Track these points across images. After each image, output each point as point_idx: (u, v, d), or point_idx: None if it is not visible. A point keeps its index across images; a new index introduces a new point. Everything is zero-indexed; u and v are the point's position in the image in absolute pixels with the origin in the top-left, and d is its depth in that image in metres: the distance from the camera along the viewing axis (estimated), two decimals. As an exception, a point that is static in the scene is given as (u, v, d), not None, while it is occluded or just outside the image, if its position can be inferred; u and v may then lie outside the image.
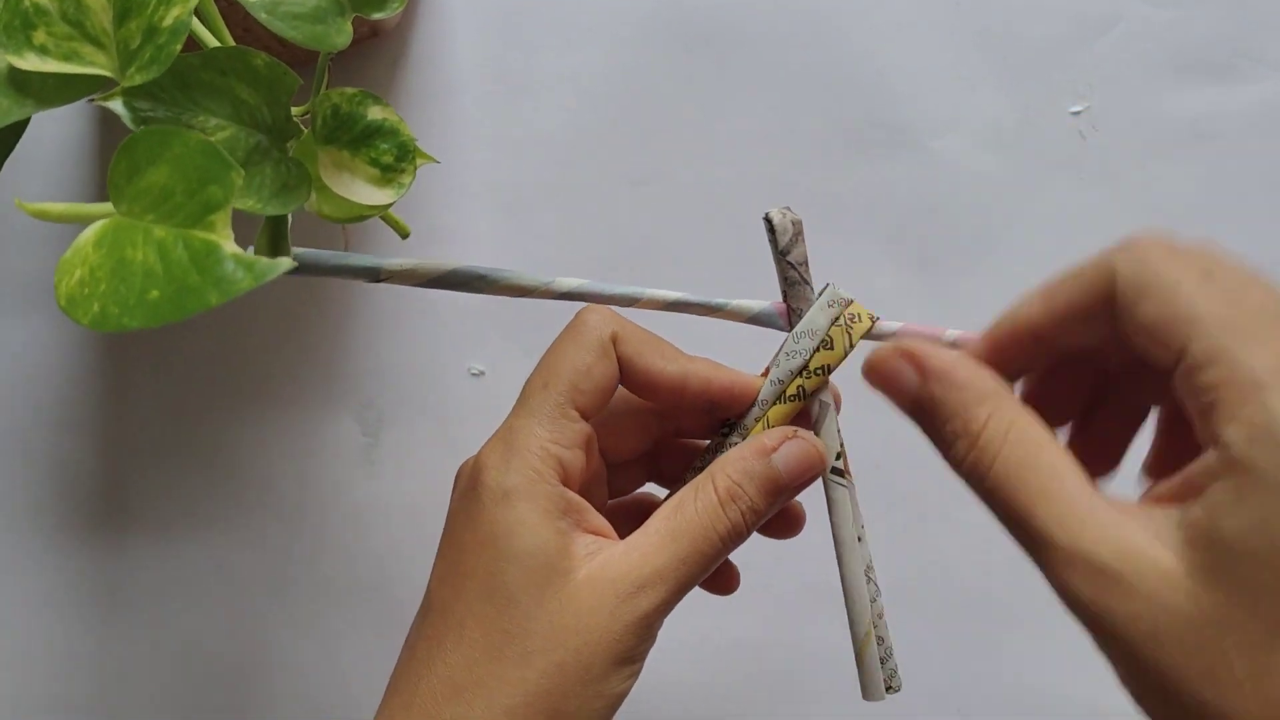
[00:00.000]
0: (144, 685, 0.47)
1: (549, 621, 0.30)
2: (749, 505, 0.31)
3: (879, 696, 0.33)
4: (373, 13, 0.33)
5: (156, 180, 0.24)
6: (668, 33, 0.48)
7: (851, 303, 0.33)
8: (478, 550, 0.32)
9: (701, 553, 0.31)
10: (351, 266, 0.31)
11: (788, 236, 0.33)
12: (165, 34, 0.27)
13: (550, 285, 0.33)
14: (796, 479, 0.32)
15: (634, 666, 0.31)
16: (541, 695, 0.30)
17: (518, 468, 0.32)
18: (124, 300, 0.23)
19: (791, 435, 0.32)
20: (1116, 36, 0.48)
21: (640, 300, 0.33)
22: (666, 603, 0.31)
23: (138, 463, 0.47)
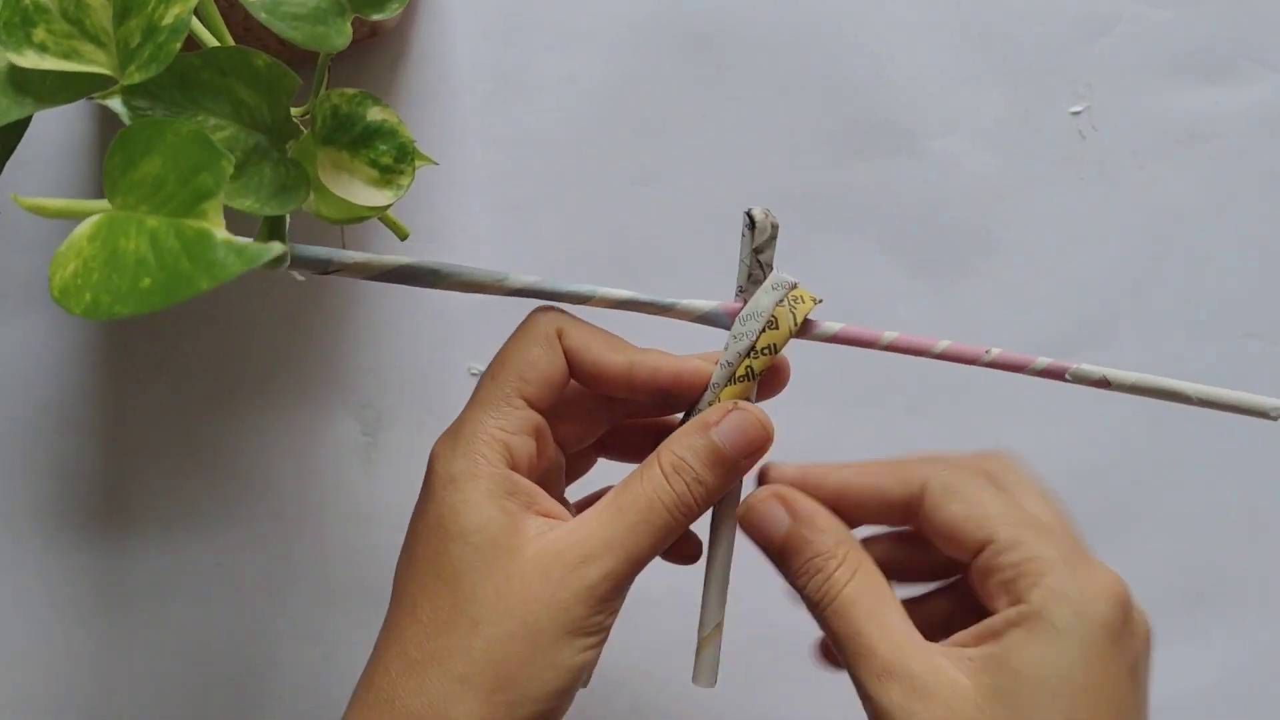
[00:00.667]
0: (144, 685, 0.47)
1: (496, 593, 0.31)
2: (693, 477, 0.32)
3: (712, 683, 0.35)
4: (372, 13, 0.33)
5: (150, 171, 0.24)
6: (668, 34, 0.48)
7: (795, 285, 0.34)
8: (427, 535, 0.33)
9: (649, 522, 0.32)
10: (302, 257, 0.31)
11: (765, 236, 0.34)
12: (165, 32, 0.27)
13: (503, 281, 0.33)
14: (739, 450, 0.33)
15: (589, 640, 0.31)
16: (492, 663, 0.30)
17: (463, 453, 0.33)
18: (116, 289, 0.23)
19: (733, 408, 0.33)
20: (1116, 36, 0.48)
21: (592, 298, 0.34)
22: (615, 573, 0.31)
23: (138, 463, 0.47)
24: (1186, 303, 0.48)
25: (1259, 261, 0.48)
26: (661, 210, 0.48)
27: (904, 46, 0.48)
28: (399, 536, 0.47)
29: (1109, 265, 0.48)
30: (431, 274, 0.32)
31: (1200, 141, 0.48)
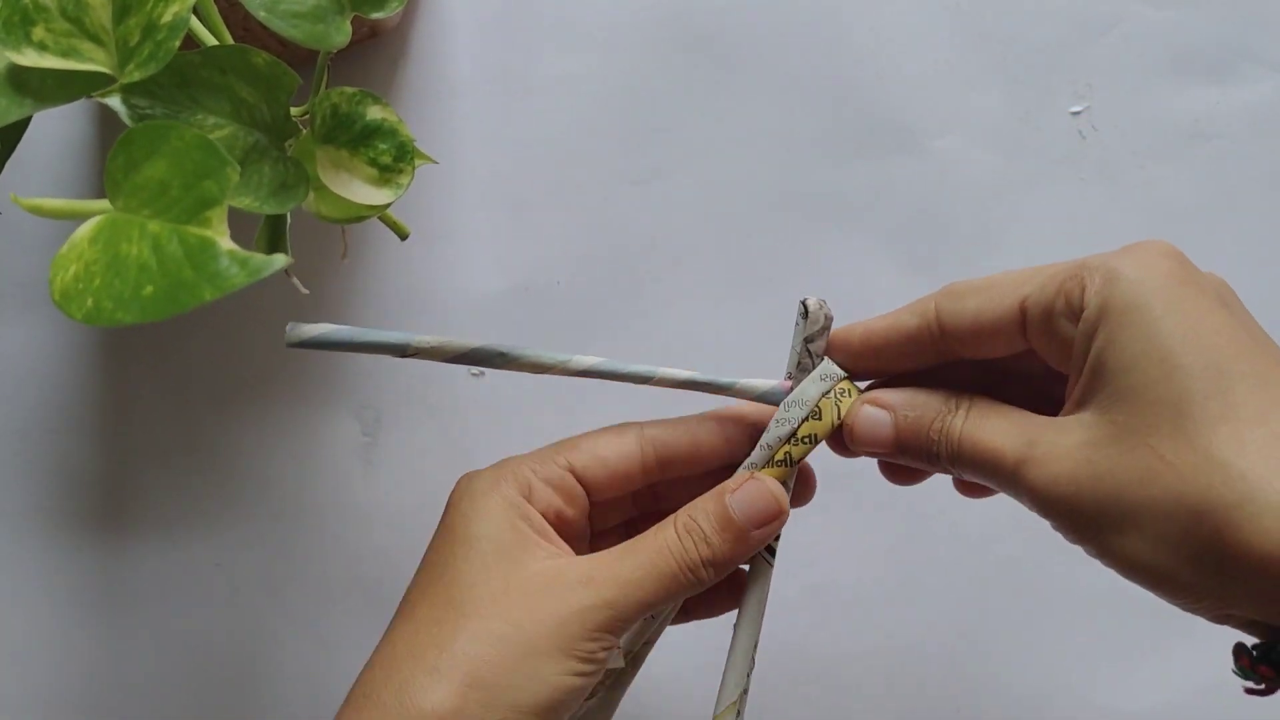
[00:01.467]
0: (144, 685, 0.47)
1: (491, 595, 0.31)
2: (701, 538, 0.32)
3: None
4: (372, 12, 0.33)
5: (153, 174, 0.24)
6: (668, 33, 0.48)
7: (845, 377, 0.35)
8: (438, 542, 0.33)
9: (655, 567, 0.32)
10: (378, 343, 0.32)
11: (817, 327, 0.34)
12: (164, 30, 0.27)
13: (568, 364, 0.34)
14: (749, 519, 0.33)
15: (579, 666, 0.31)
16: (470, 658, 0.30)
17: (487, 476, 0.33)
18: (118, 295, 0.23)
19: (749, 478, 0.33)
20: (1116, 36, 0.48)
21: (654, 379, 0.34)
22: (615, 603, 0.31)
23: (138, 463, 0.47)
24: (1186, 303, 0.48)
25: (1259, 261, 0.48)
26: (661, 210, 0.48)
27: (904, 46, 0.48)
28: (399, 536, 0.47)
29: (1109, 265, 0.48)
30: (500, 357, 0.33)
31: (1200, 141, 0.48)
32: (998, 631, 0.47)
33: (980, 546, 0.47)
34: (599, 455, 0.34)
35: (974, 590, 0.47)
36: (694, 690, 0.48)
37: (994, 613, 0.47)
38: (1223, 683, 0.48)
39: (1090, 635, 0.47)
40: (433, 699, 0.29)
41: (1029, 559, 0.47)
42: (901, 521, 0.47)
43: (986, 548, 0.47)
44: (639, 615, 0.32)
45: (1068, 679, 0.47)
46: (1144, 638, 0.48)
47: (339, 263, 0.47)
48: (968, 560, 0.48)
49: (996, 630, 0.47)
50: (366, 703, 0.30)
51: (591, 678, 0.31)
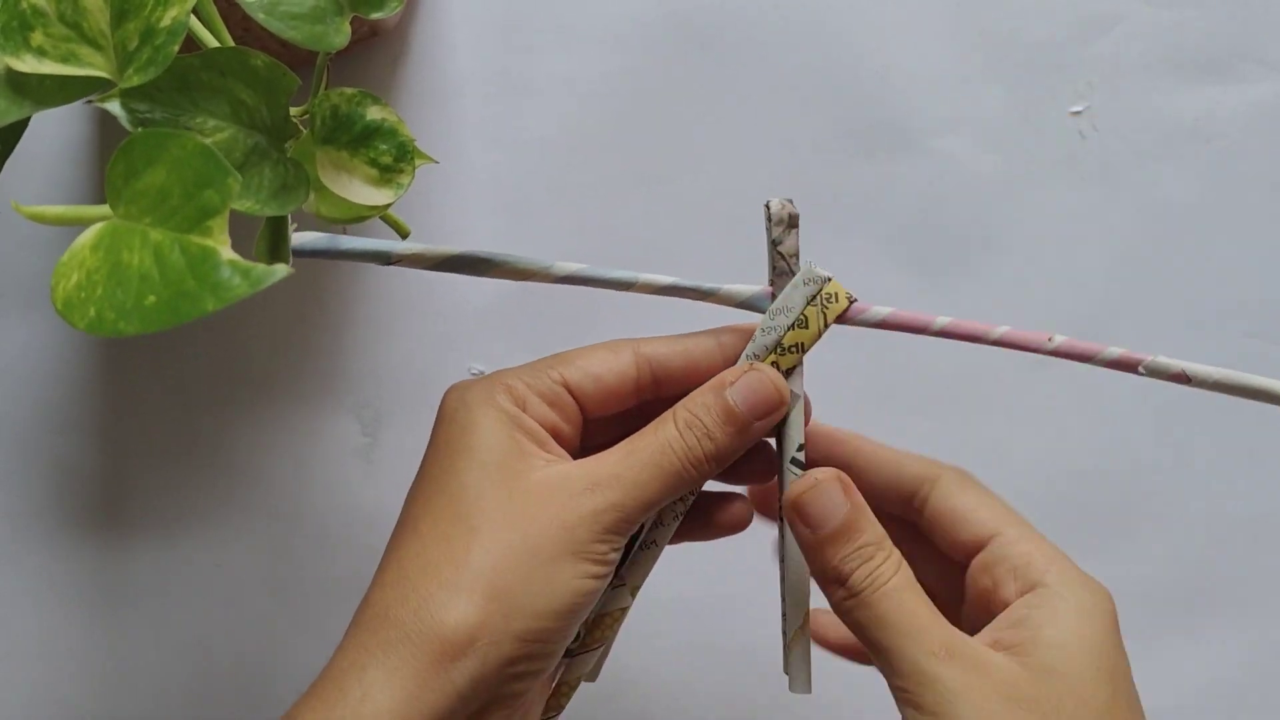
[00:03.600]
0: (144, 684, 0.47)
1: (498, 506, 0.31)
2: (704, 432, 0.32)
3: (806, 690, 0.35)
4: (371, 12, 0.33)
5: (154, 182, 0.24)
6: (668, 33, 0.48)
7: (829, 280, 0.34)
8: (434, 454, 0.33)
9: (658, 465, 0.32)
10: (359, 251, 0.32)
11: (782, 227, 0.34)
12: (163, 35, 0.27)
13: (549, 269, 0.33)
14: (752, 409, 0.33)
15: (590, 567, 0.30)
16: (485, 572, 0.30)
17: (480, 387, 0.33)
18: (120, 305, 0.23)
19: (749, 369, 0.33)
20: (1116, 36, 0.48)
21: (635, 284, 0.34)
22: (621, 504, 0.31)
23: (138, 463, 0.47)
24: (1186, 303, 0.48)
25: (1259, 261, 0.48)
26: (661, 210, 0.48)
27: (905, 46, 0.48)
28: (398, 536, 0.48)
29: (1109, 265, 0.48)
30: (483, 262, 0.33)
31: (1200, 141, 0.48)
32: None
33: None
34: (592, 371, 0.34)
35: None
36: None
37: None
38: (1223, 683, 0.49)
39: (1089, 634, 0.48)
40: (454, 614, 0.29)
41: (1028, 558, 0.48)
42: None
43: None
44: (645, 514, 0.32)
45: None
46: (1144, 638, 0.48)
47: (339, 262, 0.47)
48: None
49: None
50: (383, 623, 0.30)
51: (603, 579, 0.31)
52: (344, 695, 0.29)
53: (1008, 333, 0.34)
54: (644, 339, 0.34)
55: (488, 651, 0.29)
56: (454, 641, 0.29)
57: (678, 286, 0.34)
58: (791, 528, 0.33)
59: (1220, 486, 0.48)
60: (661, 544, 0.35)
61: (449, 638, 0.29)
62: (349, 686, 0.29)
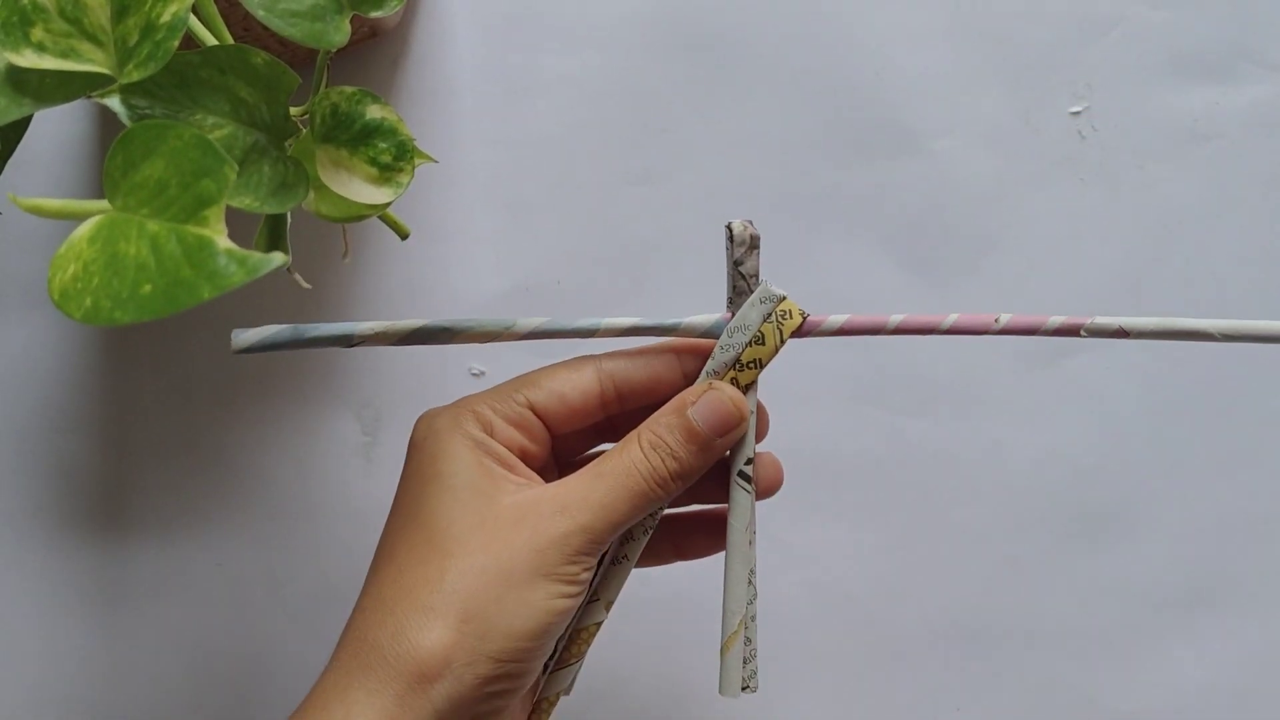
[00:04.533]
0: (144, 684, 0.47)
1: (470, 531, 0.32)
2: (669, 453, 0.33)
3: (734, 693, 0.35)
4: (371, 11, 0.33)
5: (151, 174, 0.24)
6: (668, 34, 0.48)
7: (784, 299, 0.34)
8: (405, 484, 0.34)
9: (625, 487, 0.33)
10: (321, 336, 0.32)
11: (743, 249, 0.34)
12: (163, 30, 0.27)
13: (512, 328, 0.34)
14: (713, 428, 0.33)
15: (563, 588, 0.31)
16: (460, 594, 0.31)
17: (448, 415, 0.34)
18: (116, 294, 0.23)
19: (708, 388, 0.34)
20: (1116, 37, 0.48)
21: (598, 330, 0.34)
22: (590, 527, 0.32)
23: (138, 463, 0.47)
24: (1186, 303, 0.48)
25: (1259, 261, 0.48)
26: (661, 210, 0.48)
27: (904, 47, 0.48)
28: (398, 536, 0.48)
29: (1109, 265, 0.48)
30: (445, 332, 0.33)
31: (1200, 141, 0.48)
32: (997, 631, 0.47)
33: (980, 546, 0.47)
34: (557, 391, 0.35)
35: (974, 589, 0.47)
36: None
37: (993, 612, 0.47)
38: (1223, 683, 0.48)
39: (1090, 635, 0.47)
40: (430, 637, 0.30)
41: (1029, 559, 0.47)
42: (901, 520, 0.47)
43: (986, 547, 0.47)
44: (614, 534, 0.33)
45: (1068, 678, 0.47)
46: (1144, 637, 0.48)
47: (340, 262, 0.47)
48: (968, 559, 0.48)
49: (996, 630, 0.47)
50: (363, 646, 0.31)
51: (576, 598, 0.32)
52: (328, 716, 0.30)
53: (957, 320, 0.34)
54: (606, 355, 0.35)
55: (464, 673, 0.30)
56: (430, 664, 0.30)
57: (640, 327, 0.35)
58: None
59: (1220, 486, 0.48)
60: (633, 559, 0.36)
61: (425, 660, 0.30)
62: (332, 708, 0.30)
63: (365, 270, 0.47)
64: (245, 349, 0.32)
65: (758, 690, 0.35)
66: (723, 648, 0.35)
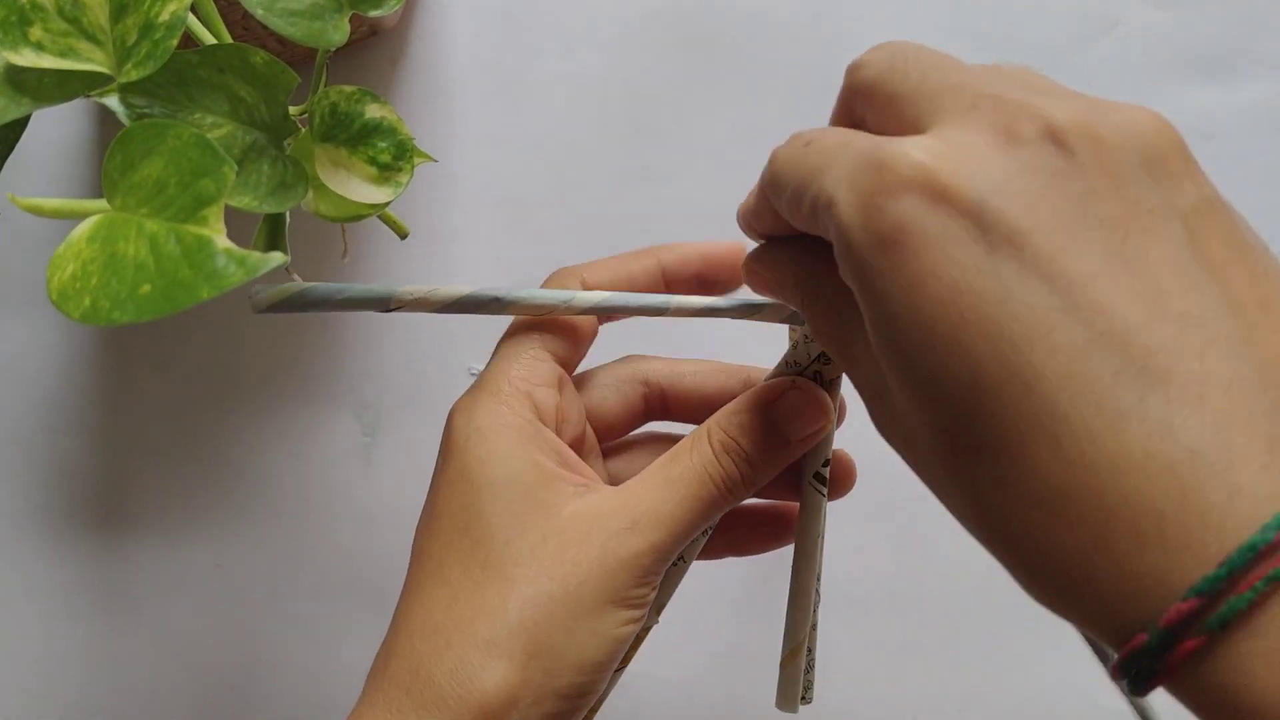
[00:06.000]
0: (143, 685, 0.47)
1: (531, 551, 0.28)
2: (743, 457, 0.30)
3: (793, 709, 0.33)
4: (370, 10, 0.33)
5: (150, 173, 0.24)
6: (668, 33, 0.48)
7: None
8: (450, 489, 0.30)
9: (698, 498, 0.29)
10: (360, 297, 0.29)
11: None
12: (162, 29, 0.27)
13: (571, 302, 0.31)
14: (794, 430, 0.31)
15: (632, 613, 0.29)
16: (526, 627, 0.28)
17: (487, 404, 0.31)
18: (115, 294, 0.23)
19: (790, 386, 0.31)
20: (1116, 37, 0.48)
21: (669, 309, 0.32)
22: (661, 545, 0.29)
23: (138, 463, 0.47)
24: (1187, 302, 0.48)
25: (1259, 261, 0.48)
26: (661, 210, 0.48)
27: (904, 45, 0.48)
28: (399, 536, 0.47)
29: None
30: (495, 302, 0.31)
31: (1200, 141, 0.48)
32: (1000, 630, 0.47)
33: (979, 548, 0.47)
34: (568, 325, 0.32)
35: (977, 588, 0.47)
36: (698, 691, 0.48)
37: (997, 611, 0.47)
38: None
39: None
40: (495, 678, 0.27)
41: (1029, 559, 0.47)
42: (903, 519, 0.47)
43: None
44: (683, 546, 0.30)
45: (1071, 678, 0.47)
46: (1144, 638, 0.48)
47: (339, 262, 0.47)
48: (970, 558, 0.47)
49: (999, 629, 0.47)
50: (415, 680, 0.28)
51: (641, 622, 0.29)
52: None
53: None
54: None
55: (529, 712, 0.28)
56: (495, 706, 0.27)
57: (715, 308, 0.31)
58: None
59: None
60: (690, 560, 0.33)
61: (489, 703, 0.27)
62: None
63: (364, 270, 0.47)
64: (267, 308, 0.28)
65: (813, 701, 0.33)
66: (784, 660, 0.33)
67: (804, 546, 0.33)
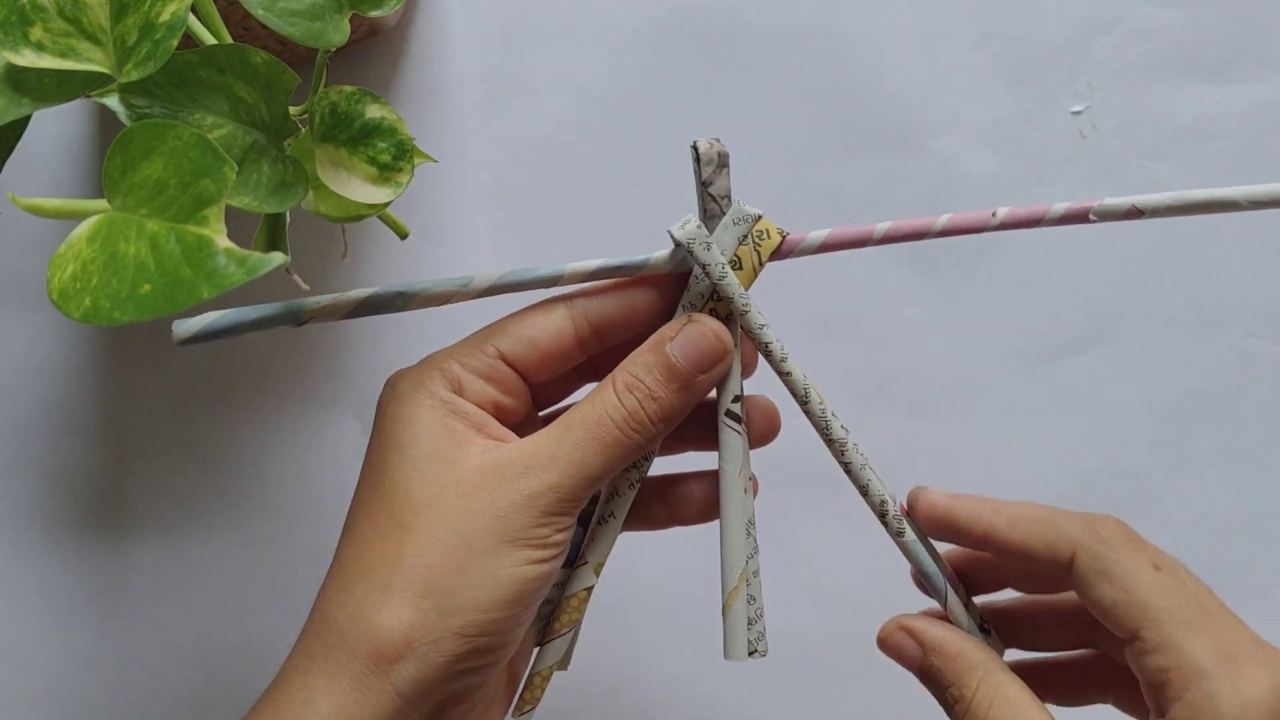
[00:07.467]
0: (143, 684, 0.47)
1: (430, 501, 0.30)
2: (645, 393, 0.31)
3: (740, 656, 0.33)
4: (370, 10, 0.33)
5: (151, 173, 0.24)
6: (668, 33, 0.48)
7: (759, 219, 0.32)
8: (370, 453, 0.32)
9: (597, 438, 0.30)
10: (272, 316, 0.30)
11: (711, 167, 0.32)
12: (162, 29, 0.27)
13: (468, 285, 0.32)
14: (695, 365, 0.31)
15: (533, 553, 0.30)
16: (419, 569, 0.29)
17: (412, 376, 0.32)
18: (116, 294, 0.23)
19: (688, 321, 0.32)
20: (1116, 36, 0.48)
21: (562, 277, 0.32)
22: (559, 485, 0.30)
23: (138, 463, 0.47)
24: (1186, 303, 0.48)
25: (1259, 261, 0.48)
26: (661, 210, 0.48)
27: (905, 46, 0.48)
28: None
29: (1109, 265, 0.48)
30: (399, 297, 0.31)
31: (1200, 141, 0.48)
32: (998, 632, 0.47)
33: (980, 546, 0.47)
34: (527, 337, 0.32)
35: (974, 590, 0.47)
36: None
37: (994, 613, 0.47)
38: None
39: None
40: (389, 616, 0.29)
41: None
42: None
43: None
44: (590, 490, 0.31)
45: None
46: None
47: (339, 262, 0.47)
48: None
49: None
50: (324, 626, 0.30)
51: (552, 562, 0.30)
52: (289, 700, 0.29)
53: (951, 220, 0.33)
54: (579, 293, 0.33)
55: (428, 652, 0.29)
56: (390, 644, 0.29)
57: (606, 268, 0.32)
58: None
59: (1221, 486, 0.48)
60: (620, 516, 0.34)
61: (384, 641, 0.29)
62: (294, 691, 0.29)
63: (364, 270, 0.47)
64: (189, 339, 0.29)
65: (767, 654, 0.33)
66: (724, 607, 0.33)
67: (726, 487, 0.33)
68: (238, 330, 0.30)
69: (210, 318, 0.29)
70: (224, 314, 0.30)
